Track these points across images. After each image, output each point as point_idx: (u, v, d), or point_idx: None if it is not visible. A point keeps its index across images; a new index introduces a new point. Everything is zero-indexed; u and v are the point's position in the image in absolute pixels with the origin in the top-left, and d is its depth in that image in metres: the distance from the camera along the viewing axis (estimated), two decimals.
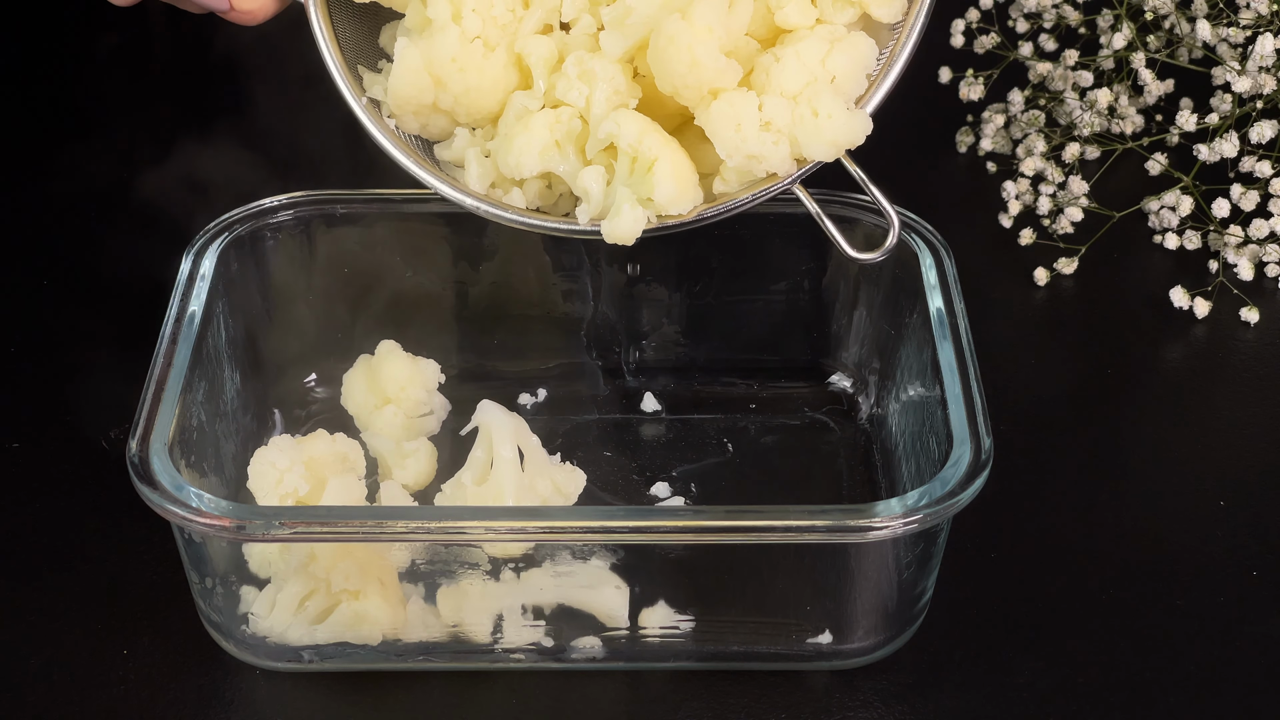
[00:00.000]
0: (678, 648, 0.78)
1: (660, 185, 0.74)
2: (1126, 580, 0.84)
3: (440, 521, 0.72)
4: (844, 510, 0.73)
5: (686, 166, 0.75)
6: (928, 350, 0.81)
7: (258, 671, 0.79)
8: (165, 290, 0.83)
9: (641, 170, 0.75)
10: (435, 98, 0.78)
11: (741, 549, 0.75)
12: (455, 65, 0.76)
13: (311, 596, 0.76)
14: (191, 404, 0.79)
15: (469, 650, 0.78)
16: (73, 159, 1.13)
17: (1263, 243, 1.04)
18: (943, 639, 0.81)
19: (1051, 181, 1.09)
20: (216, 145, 1.09)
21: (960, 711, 0.78)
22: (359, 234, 0.90)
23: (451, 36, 0.76)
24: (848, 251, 0.77)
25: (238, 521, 0.71)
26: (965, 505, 0.73)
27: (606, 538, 0.72)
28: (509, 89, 0.78)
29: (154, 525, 0.74)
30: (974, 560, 0.84)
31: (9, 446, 0.91)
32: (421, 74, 0.77)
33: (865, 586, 0.77)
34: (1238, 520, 0.88)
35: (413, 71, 0.77)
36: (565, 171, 0.77)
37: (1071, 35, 1.19)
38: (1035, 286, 1.04)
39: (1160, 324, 1.01)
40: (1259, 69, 1.05)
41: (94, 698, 0.78)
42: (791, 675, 0.79)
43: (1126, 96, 1.13)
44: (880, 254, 0.77)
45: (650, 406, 0.93)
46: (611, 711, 0.78)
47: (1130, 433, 0.93)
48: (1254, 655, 0.80)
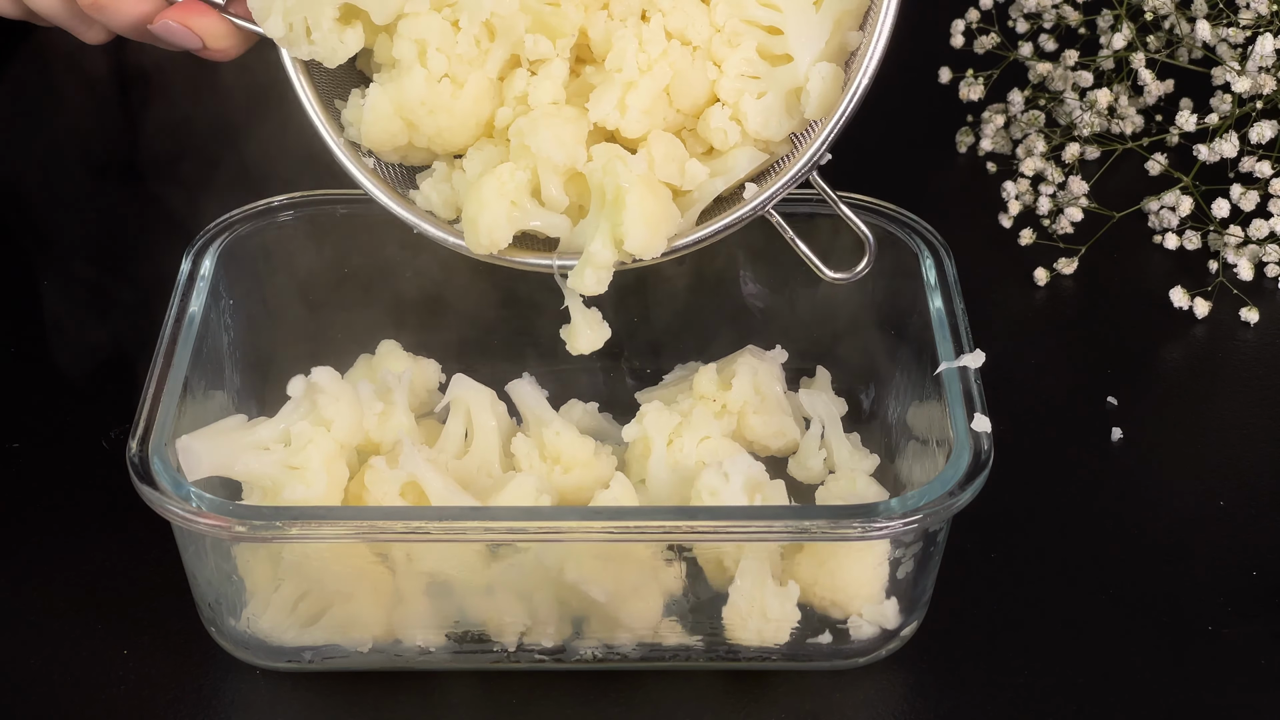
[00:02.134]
0: (678, 648, 0.78)
1: (631, 232, 0.76)
2: (1126, 580, 0.84)
3: (440, 522, 0.72)
4: (844, 510, 0.73)
5: (656, 203, 0.76)
6: (927, 350, 0.81)
7: (258, 671, 0.79)
8: (165, 290, 0.83)
9: (614, 204, 0.76)
10: (410, 138, 0.78)
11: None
12: (425, 108, 0.77)
13: (305, 598, 0.76)
14: (191, 404, 0.79)
15: (469, 650, 0.78)
16: (73, 158, 1.13)
17: (1263, 243, 1.04)
18: (943, 639, 0.81)
19: (1051, 181, 1.09)
20: (217, 145, 1.09)
21: (960, 711, 0.78)
22: (359, 234, 0.90)
23: (418, 79, 0.76)
24: (825, 273, 0.79)
25: (238, 521, 0.71)
26: (965, 505, 0.73)
27: (606, 538, 0.72)
28: (483, 119, 0.79)
29: (154, 525, 0.74)
30: (974, 560, 0.84)
31: (9, 446, 0.91)
32: (393, 119, 0.77)
33: (865, 586, 0.77)
34: (1238, 520, 0.88)
35: (384, 118, 0.77)
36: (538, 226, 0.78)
37: (1071, 35, 1.19)
38: (1035, 286, 1.04)
39: (1160, 324, 1.01)
40: (1259, 69, 1.05)
41: (94, 698, 0.78)
42: (791, 675, 0.79)
43: (1126, 97, 1.13)
44: (856, 274, 0.78)
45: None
46: (611, 712, 0.78)
47: (1130, 433, 0.93)
48: (1253, 655, 0.80)
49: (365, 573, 0.75)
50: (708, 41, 0.79)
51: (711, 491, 0.77)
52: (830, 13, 0.77)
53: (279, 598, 0.76)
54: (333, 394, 0.77)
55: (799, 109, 0.78)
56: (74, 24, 0.82)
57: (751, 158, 0.79)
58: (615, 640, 0.77)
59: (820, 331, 0.89)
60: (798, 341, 0.90)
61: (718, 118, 0.78)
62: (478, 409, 0.85)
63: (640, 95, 0.77)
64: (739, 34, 0.78)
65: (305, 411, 0.77)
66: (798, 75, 0.77)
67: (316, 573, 0.75)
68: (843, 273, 0.79)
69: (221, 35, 0.78)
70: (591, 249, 0.76)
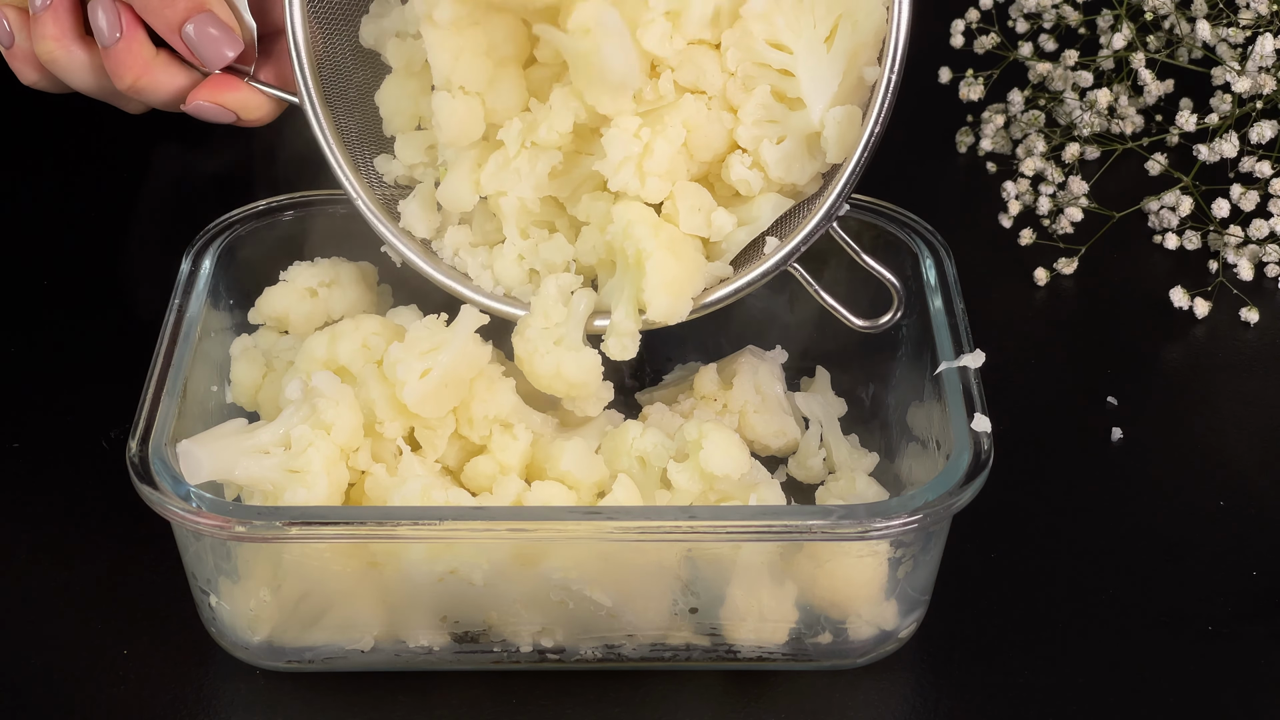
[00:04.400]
0: (678, 648, 0.78)
1: (653, 301, 0.77)
2: (1126, 580, 0.84)
3: (441, 522, 0.72)
4: (844, 509, 0.73)
5: (679, 267, 0.77)
6: (927, 350, 0.81)
7: (257, 671, 0.79)
8: (165, 290, 0.83)
9: (635, 269, 0.77)
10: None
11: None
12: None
13: (305, 598, 0.76)
14: (192, 404, 0.79)
15: (469, 650, 0.78)
16: (73, 158, 1.13)
17: (1263, 243, 1.04)
18: (943, 639, 0.81)
19: (1051, 181, 1.09)
20: (216, 144, 1.09)
21: (960, 711, 0.78)
22: (358, 234, 0.90)
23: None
24: (853, 322, 0.80)
25: (238, 521, 0.71)
26: (965, 505, 0.73)
27: (607, 537, 0.72)
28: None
29: (154, 525, 0.74)
30: (974, 560, 0.84)
31: (9, 446, 0.91)
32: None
33: (865, 586, 0.77)
34: (1238, 520, 0.88)
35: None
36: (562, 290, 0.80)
37: (1071, 35, 1.19)
38: (1035, 286, 1.04)
39: (1160, 324, 1.01)
40: (1259, 69, 1.05)
41: (94, 698, 0.78)
42: (791, 675, 0.79)
43: (1126, 96, 1.13)
44: (883, 324, 0.80)
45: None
46: (611, 712, 0.78)
47: (1130, 433, 0.93)
48: (1254, 655, 0.80)
49: (365, 573, 0.75)
50: (721, 89, 0.78)
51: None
52: (842, 50, 0.76)
53: (279, 598, 0.76)
54: (332, 397, 0.77)
55: (821, 150, 0.78)
56: (114, 99, 0.85)
57: (776, 206, 0.79)
58: (615, 640, 0.77)
59: (820, 331, 0.89)
60: (798, 341, 0.90)
61: (738, 168, 0.79)
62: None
63: (658, 160, 0.77)
64: (752, 77, 0.78)
65: (305, 415, 0.77)
66: (813, 121, 0.77)
67: (316, 573, 0.75)
68: (870, 320, 0.80)
69: (254, 107, 0.82)
70: (615, 319, 0.79)
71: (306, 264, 0.87)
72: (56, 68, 0.82)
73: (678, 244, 0.78)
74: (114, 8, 0.79)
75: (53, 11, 0.80)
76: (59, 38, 0.80)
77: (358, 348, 0.80)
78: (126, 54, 0.79)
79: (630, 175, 0.77)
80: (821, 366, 0.91)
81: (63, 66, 0.82)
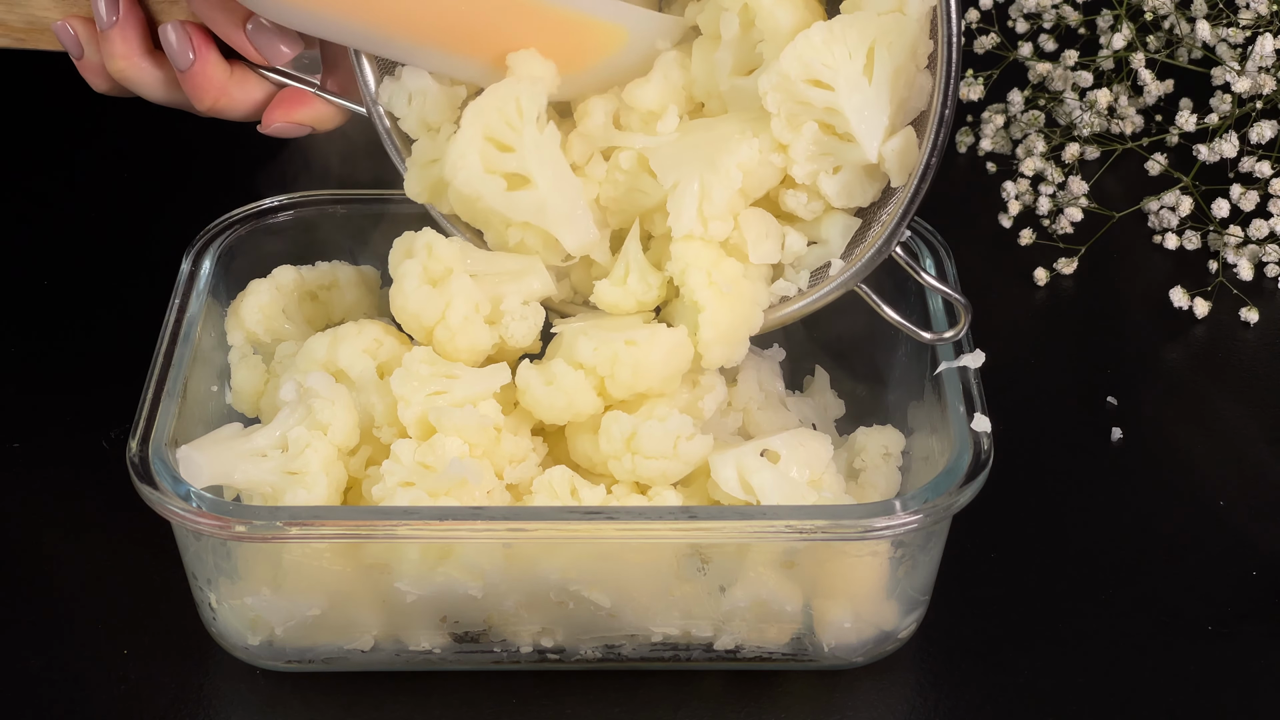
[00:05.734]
0: (679, 648, 0.78)
1: (708, 352, 0.78)
2: (1126, 580, 0.84)
3: (441, 522, 0.72)
4: (844, 510, 0.73)
5: (732, 315, 0.78)
6: (927, 350, 0.81)
7: (258, 671, 0.79)
8: (165, 290, 0.83)
9: (692, 309, 0.78)
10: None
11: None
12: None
13: (305, 598, 0.76)
14: (192, 404, 0.79)
15: (469, 650, 0.78)
16: (73, 159, 1.13)
17: (1262, 243, 1.04)
18: (942, 639, 0.81)
19: (1051, 181, 1.09)
20: (217, 144, 1.09)
21: (960, 711, 0.78)
22: (359, 234, 0.90)
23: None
24: (923, 336, 0.80)
25: (238, 521, 0.71)
26: (965, 505, 0.73)
27: (603, 538, 0.72)
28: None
29: (154, 525, 0.74)
30: (974, 560, 0.84)
31: (9, 446, 0.91)
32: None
33: (865, 586, 0.77)
34: (1238, 520, 0.88)
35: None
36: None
37: (1071, 35, 1.19)
38: (1035, 286, 1.04)
39: (1160, 324, 1.01)
40: (1259, 69, 1.05)
41: (94, 697, 0.78)
42: (791, 675, 0.79)
43: (1126, 97, 1.13)
44: (951, 337, 0.80)
45: None
46: (611, 712, 0.78)
47: (1130, 433, 0.93)
48: (1254, 655, 0.80)
49: (365, 573, 0.75)
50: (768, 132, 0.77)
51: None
52: (884, 78, 0.74)
53: (280, 598, 0.76)
54: (327, 397, 0.77)
55: (881, 173, 0.77)
56: (187, 108, 0.84)
57: (845, 228, 0.79)
58: (615, 640, 0.77)
59: (820, 331, 0.89)
60: (798, 341, 0.90)
61: (794, 199, 0.79)
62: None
63: (715, 204, 0.77)
64: (797, 115, 0.76)
65: (301, 416, 0.77)
66: (867, 155, 0.76)
67: (316, 573, 0.75)
68: (937, 334, 0.80)
69: (326, 119, 0.83)
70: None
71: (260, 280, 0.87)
72: (129, 83, 0.82)
73: (735, 284, 0.78)
74: (184, 31, 0.79)
75: (120, 29, 0.79)
76: (128, 56, 0.80)
77: (358, 351, 0.80)
78: (202, 77, 0.80)
79: (693, 220, 0.78)
80: (821, 367, 0.91)
81: (134, 83, 0.81)
